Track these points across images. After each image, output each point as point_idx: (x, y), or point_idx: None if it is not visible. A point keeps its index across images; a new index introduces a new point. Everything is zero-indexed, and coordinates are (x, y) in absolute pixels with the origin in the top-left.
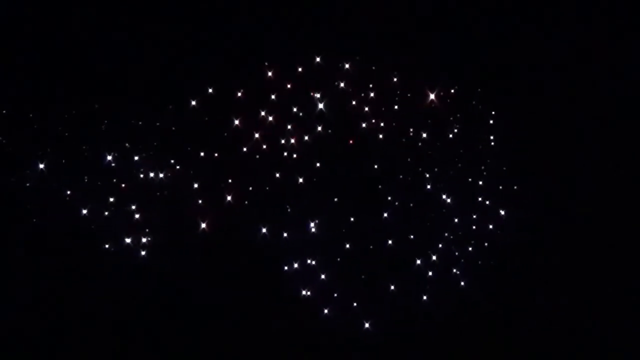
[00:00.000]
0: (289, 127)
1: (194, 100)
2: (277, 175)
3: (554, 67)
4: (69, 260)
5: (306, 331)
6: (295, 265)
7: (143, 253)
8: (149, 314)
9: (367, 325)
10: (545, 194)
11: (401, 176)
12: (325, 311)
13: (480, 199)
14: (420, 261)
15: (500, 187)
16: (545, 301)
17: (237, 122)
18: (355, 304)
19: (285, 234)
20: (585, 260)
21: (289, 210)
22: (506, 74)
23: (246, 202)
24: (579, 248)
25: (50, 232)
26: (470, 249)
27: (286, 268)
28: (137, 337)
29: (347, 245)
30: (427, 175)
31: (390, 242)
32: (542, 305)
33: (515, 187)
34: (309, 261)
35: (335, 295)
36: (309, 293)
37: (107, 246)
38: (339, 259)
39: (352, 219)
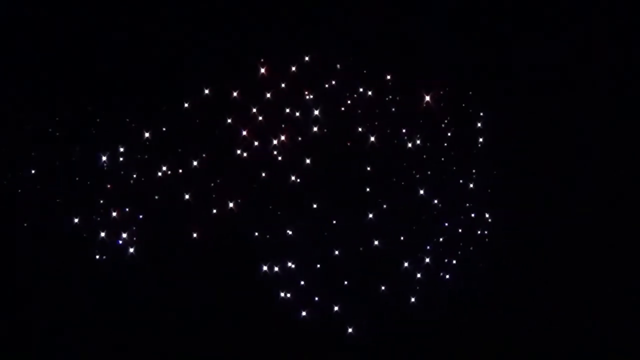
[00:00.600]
0: (281, 127)
1: (187, 101)
2: (269, 176)
3: (553, 67)
4: (60, 263)
5: (301, 333)
6: (285, 266)
7: (132, 250)
8: (136, 315)
9: (356, 326)
10: (542, 194)
11: (394, 179)
12: (305, 312)
13: (472, 200)
14: (412, 263)
15: (494, 189)
16: (544, 302)
17: (229, 121)
18: (344, 306)
19: (277, 235)
20: (584, 260)
21: (279, 213)
22: (502, 74)
23: (239, 201)
24: (576, 249)
25: (43, 235)
26: (460, 252)
27: (274, 269)
28: (121, 338)
29: (338, 246)
30: (418, 177)
31: (381, 243)
32: (538, 306)
33: (509, 189)
34: (295, 263)
35: (318, 298)
36: (292, 295)
37: (97, 251)
38: (327, 261)
39: (343, 220)
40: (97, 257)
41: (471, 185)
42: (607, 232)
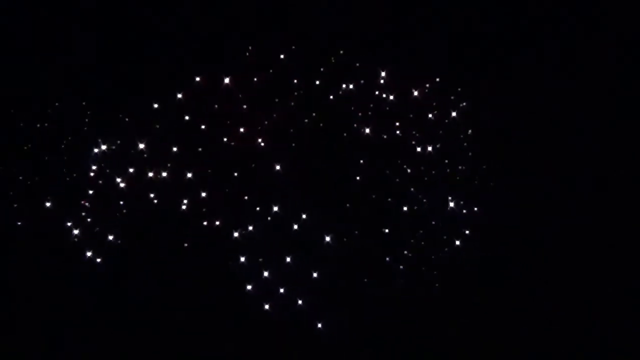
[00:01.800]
0: (266, 119)
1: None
2: (256, 168)
3: (553, 67)
4: (52, 267)
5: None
6: (266, 260)
7: (111, 237)
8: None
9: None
10: (539, 194)
11: (388, 171)
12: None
13: (460, 196)
14: (395, 258)
15: (481, 185)
16: (533, 298)
17: (217, 115)
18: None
19: (260, 229)
20: (580, 259)
21: (260, 208)
22: (500, 73)
23: (224, 193)
24: (571, 247)
25: (35, 236)
26: (446, 248)
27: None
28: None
29: (328, 239)
30: (409, 171)
31: (364, 237)
32: (527, 302)
33: (502, 187)
34: (286, 258)
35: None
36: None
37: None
38: (311, 255)
39: (334, 216)
40: (90, 254)
41: (457, 178)
42: (605, 231)
